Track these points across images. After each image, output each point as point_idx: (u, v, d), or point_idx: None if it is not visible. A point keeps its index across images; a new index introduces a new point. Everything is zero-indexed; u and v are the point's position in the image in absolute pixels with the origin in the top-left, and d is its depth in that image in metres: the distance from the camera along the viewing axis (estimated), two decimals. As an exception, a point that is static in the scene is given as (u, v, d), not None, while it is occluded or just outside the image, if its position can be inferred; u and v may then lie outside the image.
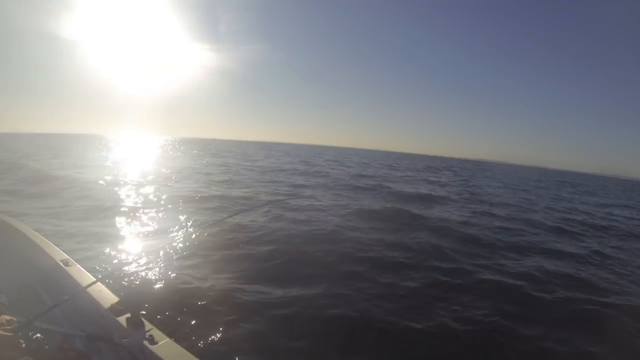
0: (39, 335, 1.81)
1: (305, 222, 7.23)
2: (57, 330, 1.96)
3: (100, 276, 2.42)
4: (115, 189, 10.43)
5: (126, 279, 4.14)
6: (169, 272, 4.40)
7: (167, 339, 1.86)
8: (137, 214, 7.37)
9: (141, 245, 5.57)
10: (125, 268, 4.33)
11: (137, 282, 4.12)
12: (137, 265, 4.61)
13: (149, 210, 7.74)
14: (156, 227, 6.59)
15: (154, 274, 4.35)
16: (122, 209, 7.72)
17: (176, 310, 3.55)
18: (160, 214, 7.54)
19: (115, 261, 4.70)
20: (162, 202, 8.80)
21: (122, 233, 6.11)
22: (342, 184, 14.77)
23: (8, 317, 1.53)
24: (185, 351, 1.78)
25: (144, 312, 3.07)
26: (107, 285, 2.31)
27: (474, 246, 6.59)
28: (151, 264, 4.62)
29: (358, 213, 8.55)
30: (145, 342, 1.82)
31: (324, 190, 12.54)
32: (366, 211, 8.81)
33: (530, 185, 26.19)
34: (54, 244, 2.89)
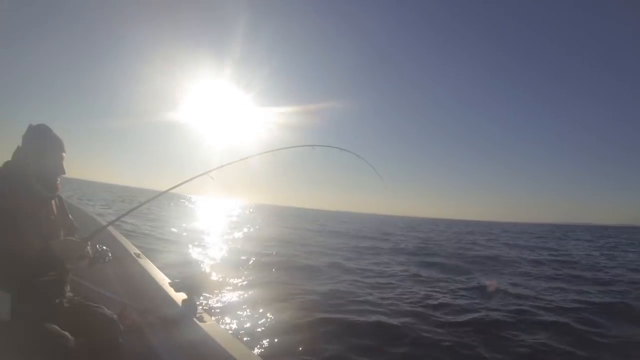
0: (104, 247, 2.12)
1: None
2: (119, 300, 2.61)
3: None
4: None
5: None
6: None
7: (213, 321, 2.22)
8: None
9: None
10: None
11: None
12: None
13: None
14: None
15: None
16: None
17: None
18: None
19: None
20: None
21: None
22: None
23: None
24: (230, 334, 2.10)
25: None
26: (171, 277, 2.82)
27: None
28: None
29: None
30: (195, 320, 2.18)
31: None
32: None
33: None
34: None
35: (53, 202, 1.98)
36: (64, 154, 1.91)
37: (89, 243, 1.94)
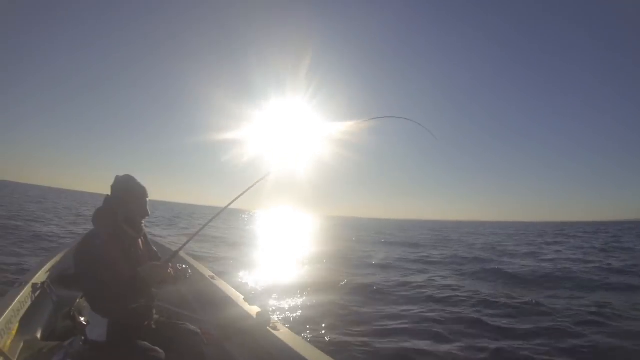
0: (184, 265, 2.27)
1: None
2: (198, 318, 2.91)
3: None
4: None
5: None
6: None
7: (288, 330, 2.41)
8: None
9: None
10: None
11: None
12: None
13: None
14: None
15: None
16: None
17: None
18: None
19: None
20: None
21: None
22: None
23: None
24: (304, 340, 2.26)
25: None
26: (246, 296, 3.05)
27: None
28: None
29: None
30: (269, 329, 2.39)
31: None
32: None
33: None
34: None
35: (140, 239, 2.26)
36: (147, 199, 2.17)
37: (170, 265, 2.15)
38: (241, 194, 2.62)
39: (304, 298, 6.78)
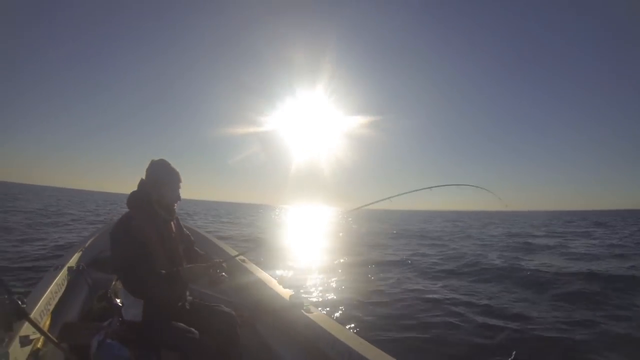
0: (222, 273, 2.29)
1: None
2: (232, 300, 2.98)
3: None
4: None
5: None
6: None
7: (320, 312, 2.47)
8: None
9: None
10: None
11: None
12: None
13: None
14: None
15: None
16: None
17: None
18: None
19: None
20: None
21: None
22: None
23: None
24: (336, 322, 2.32)
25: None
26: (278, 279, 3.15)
27: None
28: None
29: None
30: (302, 311, 2.47)
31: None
32: None
33: None
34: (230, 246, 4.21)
35: (172, 222, 2.30)
36: (180, 183, 2.22)
37: (211, 270, 2.21)
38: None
39: (337, 283, 6.82)
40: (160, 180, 2.14)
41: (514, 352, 3.80)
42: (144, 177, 2.17)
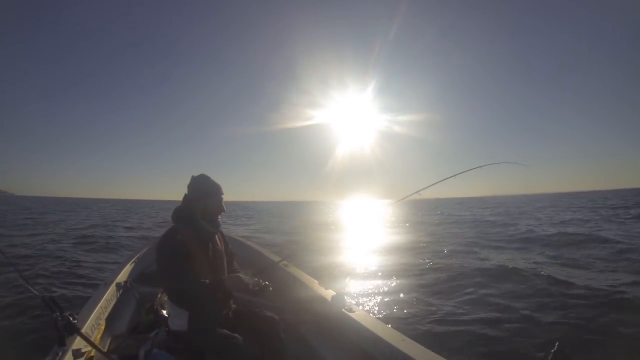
0: (266, 282, 2.23)
1: None
2: (275, 305, 2.91)
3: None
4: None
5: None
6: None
7: (363, 312, 2.46)
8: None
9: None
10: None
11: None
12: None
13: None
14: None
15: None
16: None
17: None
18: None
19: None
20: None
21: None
22: None
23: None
24: (378, 320, 2.31)
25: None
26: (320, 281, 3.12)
27: None
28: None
29: None
30: (344, 311, 2.45)
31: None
32: None
33: None
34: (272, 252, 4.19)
35: (217, 235, 2.34)
36: (222, 195, 2.25)
37: (255, 279, 2.21)
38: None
39: (380, 281, 6.67)
40: (203, 194, 2.18)
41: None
42: (187, 193, 2.23)
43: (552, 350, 2.03)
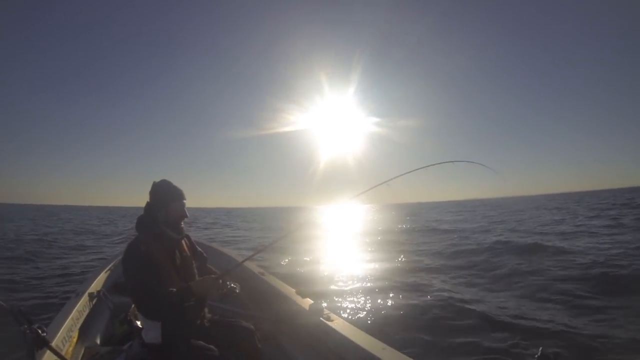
0: (232, 284, 2.23)
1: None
2: (251, 314, 2.94)
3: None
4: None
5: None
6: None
7: (341, 320, 2.42)
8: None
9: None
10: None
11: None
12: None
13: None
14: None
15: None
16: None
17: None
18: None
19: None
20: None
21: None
22: None
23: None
24: (357, 329, 2.28)
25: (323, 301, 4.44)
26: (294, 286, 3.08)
27: None
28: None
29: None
30: (322, 320, 2.41)
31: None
32: None
33: None
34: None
35: (184, 241, 2.28)
36: (184, 201, 2.18)
37: (221, 281, 2.18)
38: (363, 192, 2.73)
39: (359, 289, 6.68)
40: (164, 200, 2.12)
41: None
42: (148, 200, 2.16)
43: (537, 355, 2.02)
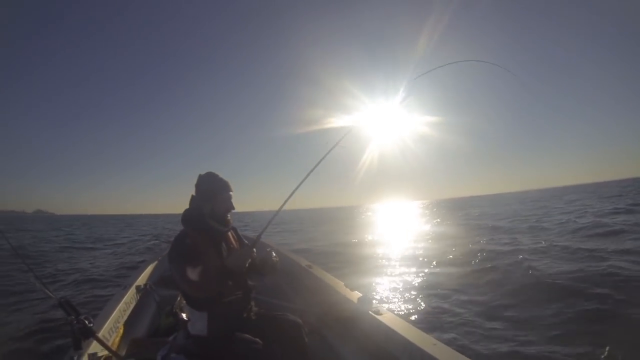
0: (268, 248, 2.26)
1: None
2: (298, 308, 2.90)
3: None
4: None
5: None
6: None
7: (391, 314, 2.33)
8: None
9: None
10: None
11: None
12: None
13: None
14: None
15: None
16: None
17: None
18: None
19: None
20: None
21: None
22: None
23: None
24: (407, 323, 2.19)
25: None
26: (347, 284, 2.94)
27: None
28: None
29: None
30: (371, 313, 2.33)
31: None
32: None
33: None
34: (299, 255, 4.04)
35: (230, 233, 2.26)
36: (231, 193, 2.15)
37: (254, 249, 2.11)
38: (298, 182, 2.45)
39: (407, 283, 6.52)
40: (210, 193, 2.09)
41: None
42: (193, 193, 2.14)
43: None
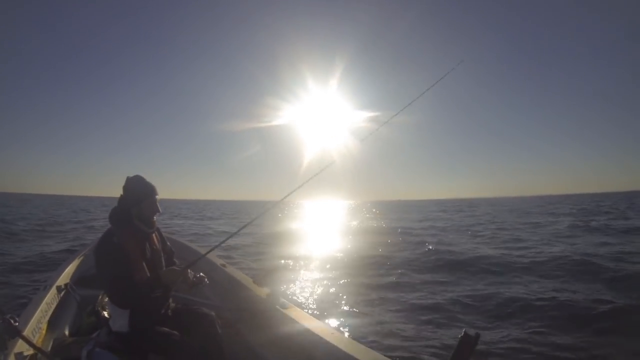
0: (200, 274, 2.54)
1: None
2: (213, 304, 3.10)
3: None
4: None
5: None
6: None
7: (297, 308, 2.64)
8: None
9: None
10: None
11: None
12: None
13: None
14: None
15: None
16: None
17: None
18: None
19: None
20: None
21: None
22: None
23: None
24: (311, 316, 2.48)
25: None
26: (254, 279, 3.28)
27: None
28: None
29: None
30: (279, 308, 2.65)
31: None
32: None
33: None
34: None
35: (154, 234, 2.44)
36: (157, 196, 2.32)
37: (189, 270, 2.38)
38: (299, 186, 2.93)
39: (316, 278, 7.07)
40: (138, 196, 2.25)
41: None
42: (122, 194, 2.30)
43: (460, 336, 2.32)
